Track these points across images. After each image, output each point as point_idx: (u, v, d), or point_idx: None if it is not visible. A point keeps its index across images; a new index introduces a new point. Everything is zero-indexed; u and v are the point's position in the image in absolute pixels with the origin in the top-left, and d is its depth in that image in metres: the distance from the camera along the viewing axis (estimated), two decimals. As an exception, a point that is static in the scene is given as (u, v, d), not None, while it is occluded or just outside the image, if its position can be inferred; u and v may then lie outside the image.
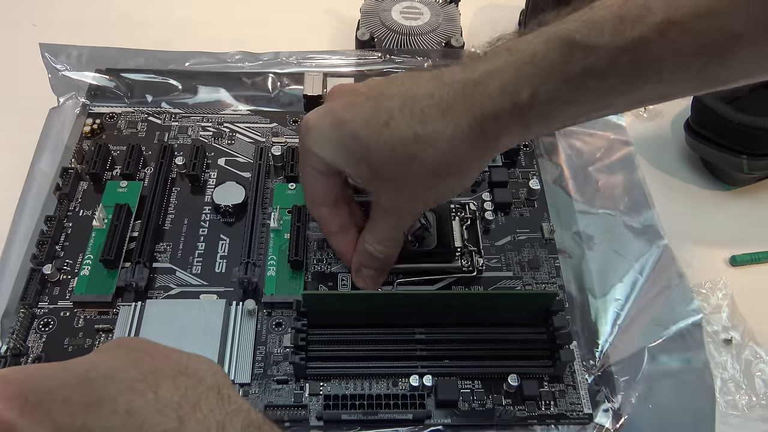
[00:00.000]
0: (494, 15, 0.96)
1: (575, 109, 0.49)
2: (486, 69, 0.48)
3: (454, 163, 0.51)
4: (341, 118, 0.52)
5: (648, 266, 0.64)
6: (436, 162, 0.50)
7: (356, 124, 0.51)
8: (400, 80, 0.53)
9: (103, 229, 0.63)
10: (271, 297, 0.61)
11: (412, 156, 0.50)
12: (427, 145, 0.50)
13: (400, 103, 0.50)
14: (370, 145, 0.51)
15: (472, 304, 0.58)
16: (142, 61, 0.79)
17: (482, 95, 0.48)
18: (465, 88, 0.49)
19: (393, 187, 0.53)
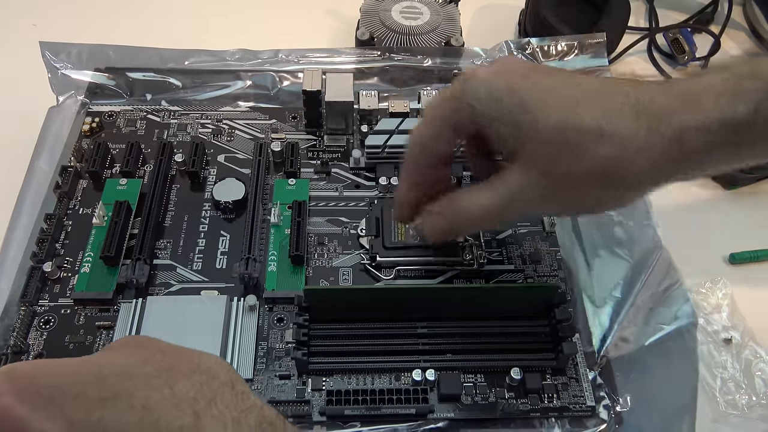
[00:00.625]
0: (494, 15, 0.96)
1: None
2: (694, 81, 0.45)
3: (634, 170, 0.45)
4: (515, 84, 0.47)
5: (646, 265, 0.64)
6: (612, 162, 0.45)
7: (530, 95, 0.46)
8: (590, 77, 0.49)
9: (103, 227, 0.63)
10: (272, 292, 0.61)
11: (583, 150, 0.45)
12: (609, 142, 0.44)
13: (586, 91, 0.46)
14: (539, 122, 0.46)
15: (474, 298, 0.58)
16: (142, 59, 0.79)
17: (686, 103, 0.44)
18: (667, 94, 0.45)
19: (545, 174, 0.47)
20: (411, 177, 0.56)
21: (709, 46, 0.89)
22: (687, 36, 0.87)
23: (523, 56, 0.81)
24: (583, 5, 0.89)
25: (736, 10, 0.94)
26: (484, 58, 0.81)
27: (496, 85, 0.48)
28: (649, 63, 0.89)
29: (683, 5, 0.96)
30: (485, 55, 0.81)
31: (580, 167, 0.46)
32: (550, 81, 0.48)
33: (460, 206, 0.53)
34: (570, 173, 0.46)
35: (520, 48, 0.81)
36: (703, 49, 0.88)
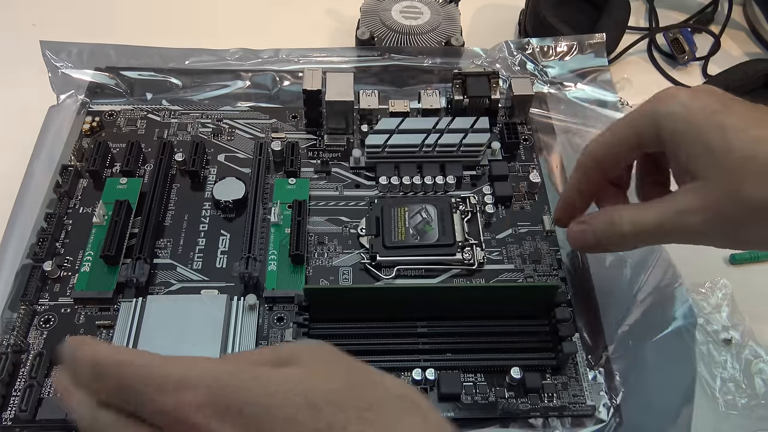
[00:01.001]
0: (494, 15, 0.96)
1: None
2: None
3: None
4: (714, 107, 0.47)
5: (646, 265, 0.64)
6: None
7: (730, 121, 0.46)
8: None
9: (104, 226, 0.63)
10: (272, 292, 0.61)
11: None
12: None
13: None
14: (734, 147, 0.45)
15: (474, 297, 0.58)
16: (143, 58, 0.79)
17: None
18: None
19: (717, 197, 0.47)
20: (579, 185, 0.57)
21: (709, 46, 0.89)
22: (687, 36, 0.88)
23: (523, 56, 0.81)
24: (583, 5, 0.89)
25: (736, 10, 0.94)
26: (484, 58, 0.81)
27: (695, 104, 0.48)
28: (649, 63, 0.89)
29: (683, 5, 0.96)
30: (485, 55, 0.81)
31: (763, 197, 0.45)
32: (752, 113, 0.47)
33: (612, 220, 0.53)
34: (748, 202, 0.46)
35: (520, 48, 0.81)
36: (703, 49, 0.88)
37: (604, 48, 0.81)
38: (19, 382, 0.55)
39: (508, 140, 0.72)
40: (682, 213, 0.48)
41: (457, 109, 0.73)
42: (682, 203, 0.48)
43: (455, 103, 0.73)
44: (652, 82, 0.87)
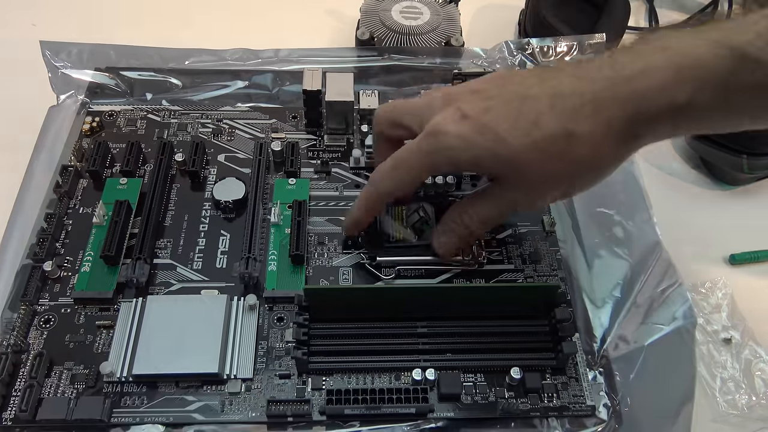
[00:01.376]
0: (494, 15, 0.97)
1: (732, 118, 0.49)
2: (639, 67, 0.48)
3: (602, 161, 0.52)
4: (482, 122, 0.51)
5: (646, 265, 0.64)
6: (586, 160, 0.51)
7: (501, 127, 0.51)
8: (537, 79, 0.52)
9: (104, 226, 0.63)
10: (272, 292, 0.61)
11: (562, 155, 0.50)
12: (580, 144, 0.49)
13: (547, 103, 0.50)
14: (515, 147, 0.50)
15: (474, 297, 0.58)
16: (143, 59, 0.79)
17: (636, 93, 0.48)
18: (616, 85, 0.49)
19: (528, 183, 0.53)
20: (368, 209, 0.60)
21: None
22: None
23: (523, 57, 0.81)
24: (583, 5, 0.89)
25: (736, 10, 0.94)
26: (484, 58, 0.81)
27: (467, 132, 0.52)
28: (649, 63, 0.89)
29: (683, 5, 0.96)
30: (485, 56, 0.81)
31: (560, 169, 0.52)
32: (508, 105, 0.52)
33: (465, 222, 0.58)
34: (554, 176, 0.52)
35: (520, 48, 0.81)
36: (703, 49, 0.88)
37: (604, 48, 0.81)
38: (19, 382, 0.55)
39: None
40: (524, 205, 0.57)
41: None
42: (522, 199, 0.56)
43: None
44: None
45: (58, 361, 0.57)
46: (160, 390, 0.56)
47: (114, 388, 0.55)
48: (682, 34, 0.48)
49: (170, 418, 0.54)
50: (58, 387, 0.55)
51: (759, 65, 0.44)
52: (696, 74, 0.46)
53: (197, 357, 0.56)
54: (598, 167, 0.52)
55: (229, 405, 0.55)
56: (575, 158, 0.50)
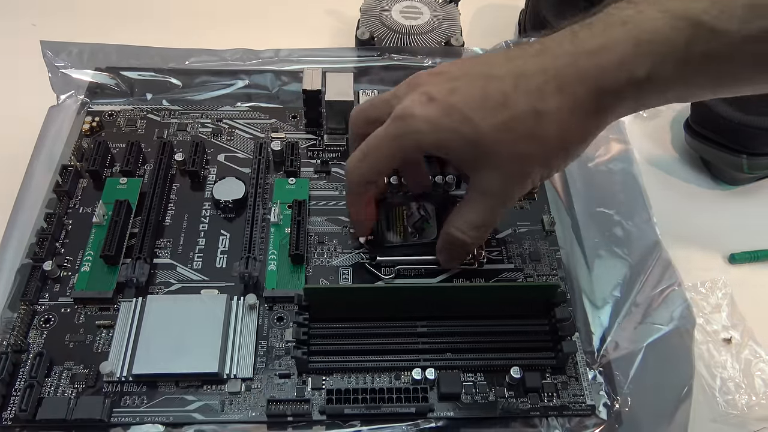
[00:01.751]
0: (494, 15, 0.97)
1: (693, 89, 0.49)
2: (600, 42, 0.48)
3: (571, 137, 0.51)
4: (449, 103, 0.51)
5: (646, 265, 0.64)
6: (555, 138, 0.50)
7: (468, 108, 0.50)
8: (502, 59, 0.52)
9: (103, 226, 0.63)
10: (272, 291, 0.61)
11: (531, 134, 0.50)
12: (547, 122, 0.49)
13: (512, 83, 0.50)
14: (483, 128, 0.50)
15: (474, 297, 0.58)
16: (143, 59, 0.79)
17: (597, 68, 0.48)
18: (578, 60, 0.48)
19: (501, 168, 0.52)
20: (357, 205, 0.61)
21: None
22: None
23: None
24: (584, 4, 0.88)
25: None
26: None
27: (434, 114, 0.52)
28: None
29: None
30: (485, 55, 0.81)
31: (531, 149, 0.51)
32: (473, 85, 0.51)
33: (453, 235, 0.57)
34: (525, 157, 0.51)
35: (520, 48, 0.81)
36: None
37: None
38: (19, 381, 0.55)
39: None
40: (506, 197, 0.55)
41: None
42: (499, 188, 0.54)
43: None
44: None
45: (58, 360, 0.56)
46: (160, 390, 0.56)
47: (114, 388, 0.55)
48: (643, 7, 0.48)
49: (170, 418, 0.54)
50: (58, 387, 0.55)
51: (714, 34, 0.44)
52: (654, 48, 0.46)
53: (197, 357, 0.56)
54: (568, 144, 0.52)
55: (229, 405, 0.55)
56: (544, 136, 0.50)
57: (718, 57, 0.45)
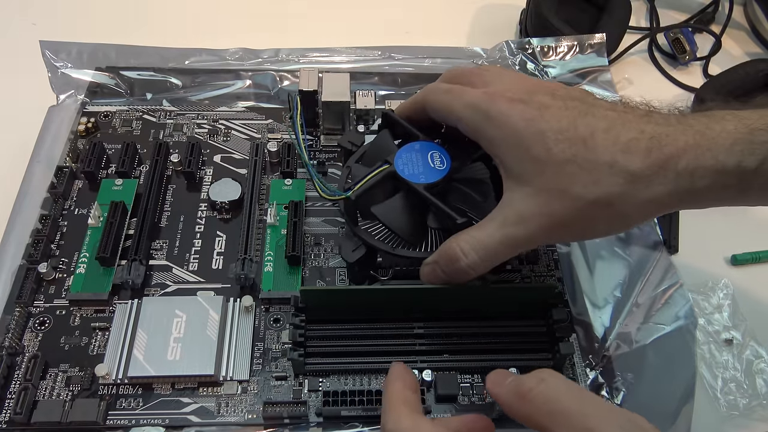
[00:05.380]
0: (494, 15, 0.96)
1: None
2: (709, 123, 0.46)
3: (638, 204, 0.47)
4: (533, 115, 0.48)
5: (647, 265, 0.64)
6: (619, 193, 0.46)
7: (548, 127, 0.48)
8: (608, 104, 0.50)
9: (99, 227, 0.63)
10: (268, 293, 0.60)
11: (596, 179, 0.46)
12: (619, 175, 0.46)
13: (605, 125, 0.47)
14: (553, 153, 0.47)
15: (471, 298, 0.57)
16: (143, 58, 0.79)
17: (701, 145, 0.45)
18: (684, 134, 0.46)
19: (544, 195, 0.48)
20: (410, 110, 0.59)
21: (710, 46, 0.88)
22: (688, 36, 0.87)
23: (524, 56, 0.81)
24: (584, 5, 0.88)
25: (737, 10, 0.94)
26: (484, 57, 0.81)
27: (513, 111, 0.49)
28: (649, 63, 0.89)
29: (684, 5, 0.95)
30: (486, 55, 0.81)
31: (589, 195, 0.47)
32: (565, 113, 0.48)
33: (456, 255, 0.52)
34: (579, 200, 0.47)
35: (521, 48, 0.81)
36: (704, 49, 0.88)
37: (605, 48, 0.81)
38: (14, 384, 0.55)
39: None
40: (520, 223, 0.49)
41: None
42: (518, 210, 0.49)
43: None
44: (653, 81, 0.87)
45: (53, 363, 0.56)
46: (156, 392, 0.56)
47: (109, 391, 0.55)
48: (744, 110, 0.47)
49: (166, 420, 0.54)
50: (53, 389, 0.55)
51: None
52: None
53: (193, 359, 0.56)
54: (627, 212, 0.48)
55: (225, 407, 0.55)
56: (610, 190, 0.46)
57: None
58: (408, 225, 0.58)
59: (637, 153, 0.46)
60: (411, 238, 0.58)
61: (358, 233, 0.57)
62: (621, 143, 0.46)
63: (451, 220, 0.54)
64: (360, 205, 0.58)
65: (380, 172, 0.57)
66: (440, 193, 0.57)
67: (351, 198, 0.56)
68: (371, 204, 0.58)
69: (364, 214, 0.59)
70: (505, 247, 0.50)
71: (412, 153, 0.58)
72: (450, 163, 0.58)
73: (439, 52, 0.81)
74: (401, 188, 0.58)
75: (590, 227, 0.49)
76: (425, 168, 0.57)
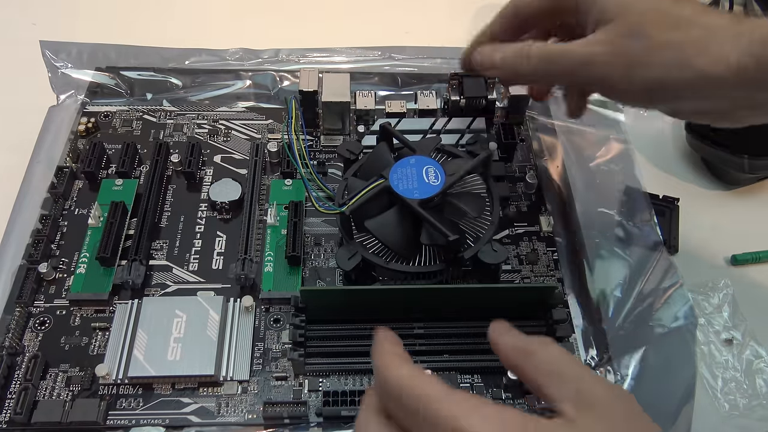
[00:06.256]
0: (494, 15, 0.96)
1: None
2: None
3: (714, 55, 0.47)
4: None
5: (647, 266, 0.64)
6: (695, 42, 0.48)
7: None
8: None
9: (99, 227, 0.63)
10: (268, 293, 0.60)
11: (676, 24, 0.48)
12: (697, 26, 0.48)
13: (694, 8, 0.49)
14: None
15: (471, 298, 0.57)
16: (143, 59, 0.79)
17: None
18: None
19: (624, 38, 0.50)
20: (493, 28, 0.59)
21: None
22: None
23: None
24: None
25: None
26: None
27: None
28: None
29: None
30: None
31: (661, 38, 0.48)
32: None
33: (522, 47, 0.55)
34: (647, 40, 0.49)
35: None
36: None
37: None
38: (14, 384, 0.55)
39: (504, 141, 0.71)
40: (589, 44, 0.51)
41: (454, 109, 0.73)
42: (590, 39, 0.51)
43: (452, 104, 0.72)
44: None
45: (54, 363, 0.57)
46: (156, 392, 0.56)
47: (109, 391, 0.55)
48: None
49: (166, 420, 0.54)
50: (54, 389, 0.55)
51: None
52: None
53: (193, 359, 0.56)
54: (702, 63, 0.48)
55: (226, 407, 0.55)
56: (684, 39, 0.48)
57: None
58: (402, 239, 0.58)
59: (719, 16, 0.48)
60: (405, 252, 0.58)
61: (353, 246, 0.58)
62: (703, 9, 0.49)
63: (444, 236, 0.55)
64: (355, 219, 0.59)
65: (375, 187, 0.58)
66: (435, 208, 0.58)
67: (346, 213, 0.57)
68: (365, 218, 0.58)
69: (360, 228, 0.59)
70: (566, 60, 0.53)
71: (407, 168, 0.59)
72: (444, 178, 0.58)
73: (439, 52, 0.81)
74: (395, 202, 0.58)
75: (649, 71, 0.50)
76: (420, 183, 0.58)
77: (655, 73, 0.49)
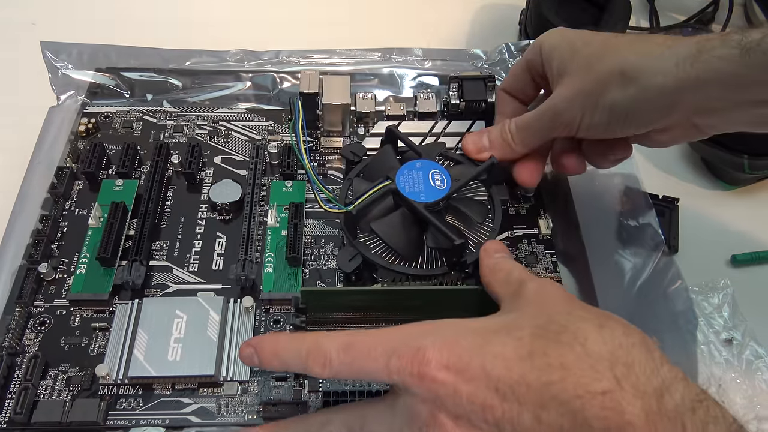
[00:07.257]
0: (494, 15, 0.96)
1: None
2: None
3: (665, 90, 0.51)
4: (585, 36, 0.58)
5: (647, 266, 0.64)
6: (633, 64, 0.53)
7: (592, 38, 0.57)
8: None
9: (99, 228, 0.63)
10: (269, 294, 0.60)
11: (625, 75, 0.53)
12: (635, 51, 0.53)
13: (628, 40, 0.55)
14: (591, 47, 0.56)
15: (471, 299, 0.57)
16: (143, 59, 0.79)
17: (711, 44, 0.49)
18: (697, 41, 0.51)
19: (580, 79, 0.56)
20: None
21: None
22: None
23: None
24: (585, 5, 0.89)
25: (736, 10, 0.94)
26: (484, 59, 0.81)
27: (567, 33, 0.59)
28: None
29: (684, 5, 0.95)
30: (485, 57, 0.81)
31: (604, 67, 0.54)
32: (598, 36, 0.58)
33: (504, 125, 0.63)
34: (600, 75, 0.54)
35: (521, 50, 0.81)
36: (704, 49, 0.88)
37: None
38: (14, 384, 0.55)
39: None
40: (550, 100, 0.58)
41: (453, 112, 0.73)
42: (554, 96, 0.58)
43: (451, 107, 0.73)
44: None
45: (54, 363, 0.57)
46: (156, 392, 0.56)
47: (109, 391, 0.55)
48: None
49: (166, 421, 0.54)
50: (53, 389, 0.55)
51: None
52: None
53: (193, 359, 0.56)
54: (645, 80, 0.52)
55: (226, 407, 0.55)
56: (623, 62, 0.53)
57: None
58: (406, 241, 0.58)
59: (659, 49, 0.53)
60: (408, 254, 0.59)
61: (355, 246, 0.58)
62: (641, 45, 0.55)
63: (449, 240, 0.55)
64: (359, 219, 0.59)
65: (382, 188, 0.58)
66: (439, 212, 0.58)
67: (352, 212, 0.57)
68: (370, 219, 0.58)
69: (363, 228, 0.60)
70: (539, 122, 0.60)
71: (414, 171, 0.59)
72: (450, 183, 0.59)
73: (438, 54, 0.81)
74: (401, 205, 0.59)
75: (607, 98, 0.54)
76: (426, 187, 0.58)
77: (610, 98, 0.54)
